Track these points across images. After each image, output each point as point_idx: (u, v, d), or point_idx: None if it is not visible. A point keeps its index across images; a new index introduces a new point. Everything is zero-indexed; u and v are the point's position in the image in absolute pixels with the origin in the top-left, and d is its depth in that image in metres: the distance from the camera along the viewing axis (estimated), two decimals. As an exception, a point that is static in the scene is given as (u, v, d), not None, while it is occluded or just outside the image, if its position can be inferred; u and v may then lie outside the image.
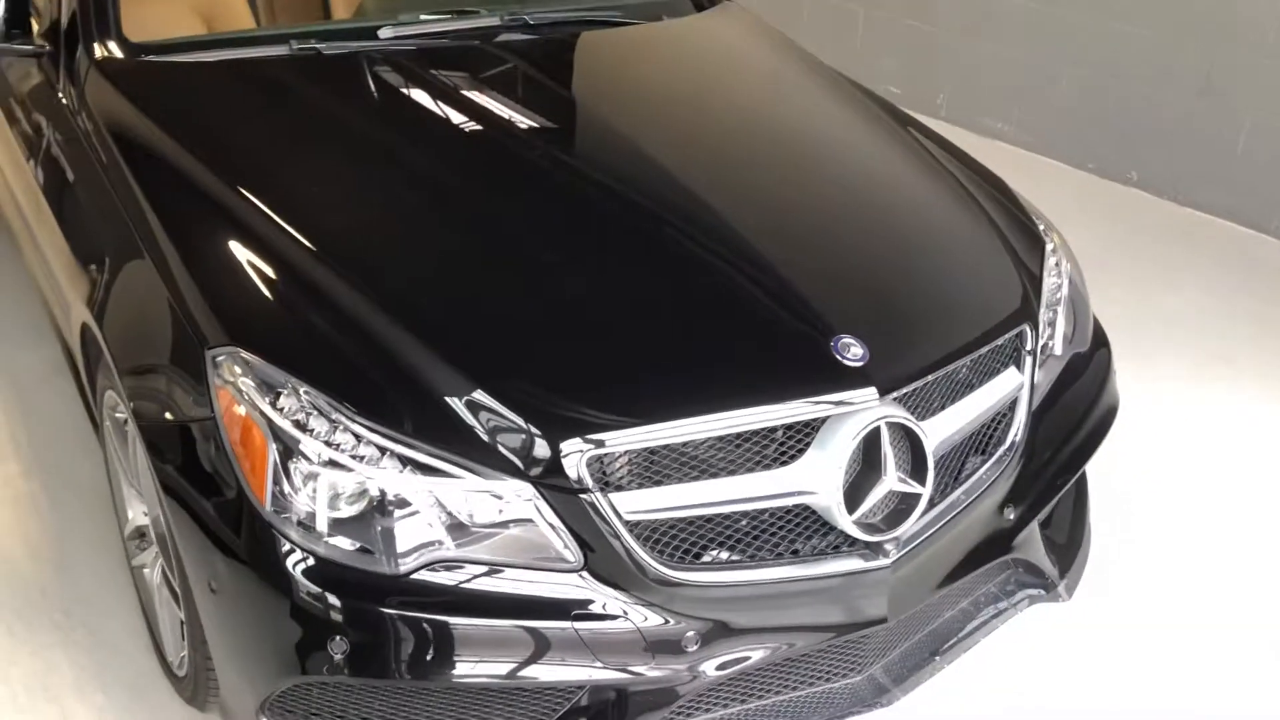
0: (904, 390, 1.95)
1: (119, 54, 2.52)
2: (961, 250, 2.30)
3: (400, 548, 1.77)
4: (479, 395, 1.81)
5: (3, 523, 2.79)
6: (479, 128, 2.44)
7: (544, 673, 1.81)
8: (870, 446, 1.90)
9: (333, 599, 1.76)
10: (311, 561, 1.77)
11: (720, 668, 1.89)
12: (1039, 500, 2.22)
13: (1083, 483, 2.53)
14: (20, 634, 2.49)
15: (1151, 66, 4.69)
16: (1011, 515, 2.17)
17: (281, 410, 1.79)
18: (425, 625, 1.77)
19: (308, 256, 2.02)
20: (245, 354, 1.85)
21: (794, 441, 1.89)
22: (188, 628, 2.06)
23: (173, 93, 2.47)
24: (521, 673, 1.80)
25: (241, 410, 1.81)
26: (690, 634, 1.85)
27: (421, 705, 1.85)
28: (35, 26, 2.68)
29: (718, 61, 2.83)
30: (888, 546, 1.94)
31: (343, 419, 1.79)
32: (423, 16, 2.79)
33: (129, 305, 2.08)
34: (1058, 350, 2.32)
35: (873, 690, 2.09)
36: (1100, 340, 2.47)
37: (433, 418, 1.80)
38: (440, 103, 2.49)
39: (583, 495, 1.79)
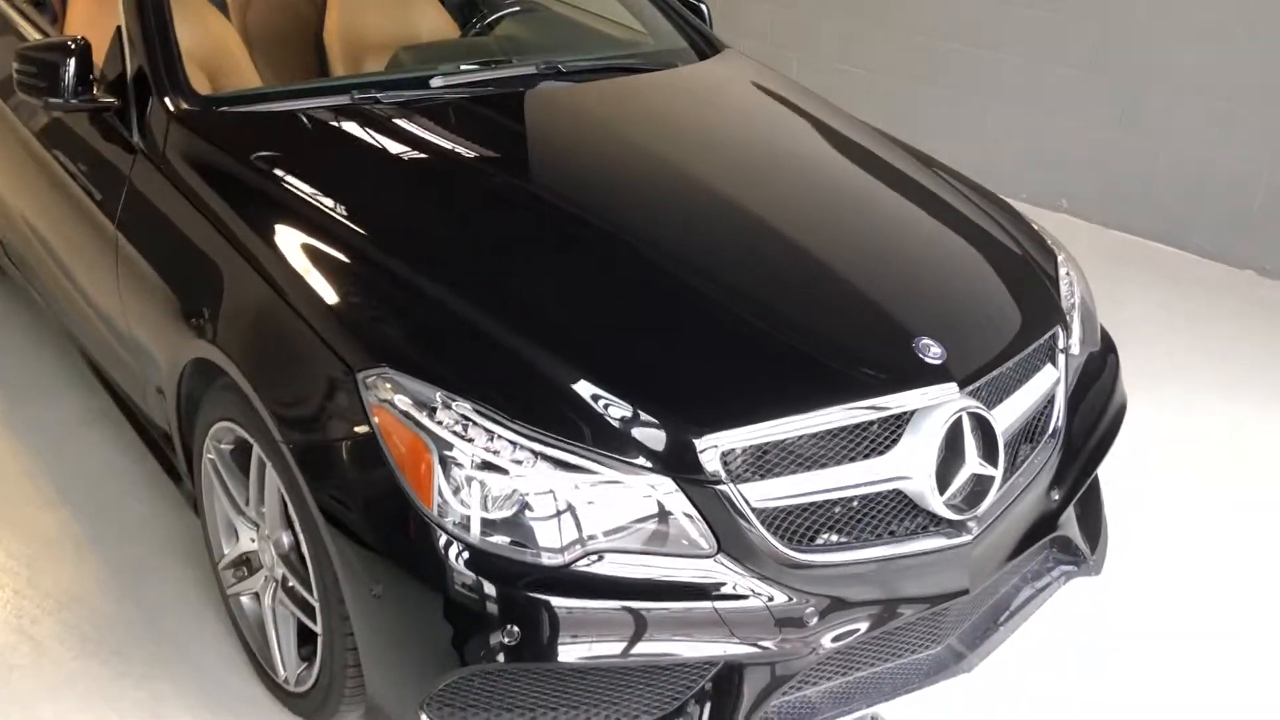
0: (977, 384, 2.20)
1: (194, 107, 2.66)
2: (996, 263, 2.57)
3: (556, 543, 1.95)
4: (620, 400, 2.01)
5: (70, 566, 2.86)
6: (553, 159, 2.67)
7: (686, 649, 1.99)
8: (953, 435, 2.14)
9: (496, 593, 1.92)
10: (475, 559, 1.93)
11: (834, 640, 2.09)
12: (1076, 484, 2.48)
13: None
14: (121, 668, 2.57)
15: (1076, 101, 5.11)
16: (1056, 497, 2.43)
17: (440, 423, 1.96)
18: (582, 612, 1.94)
19: (429, 278, 2.21)
20: (394, 373, 2.01)
21: (887, 433, 2.12)
22: (326, 640, 2.18)
23: (257, 139, 2.62)
24: (666, 651, 1.99)
25: (400, 425, 1.97)
26: (809, 610, 2.06)
27: (572, 687, 2.02)
28: (95, 85, 2.78)
29: (745, 102, 3.08)
30: (970, 524, 2.18)
31: (496, 427, 1.96)
32: (463, 66, 3.00)
33: (262, 338, 2.21)
34: (1075, 350, 2.61)
35: (953, 658, 2.32)
36: (1108, 344, 2.76)
37: (578, 421, 1.99)
38: (513, 139, 2.72)
39: (717, 487, 1.99)
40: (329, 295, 2.18)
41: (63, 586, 2.79)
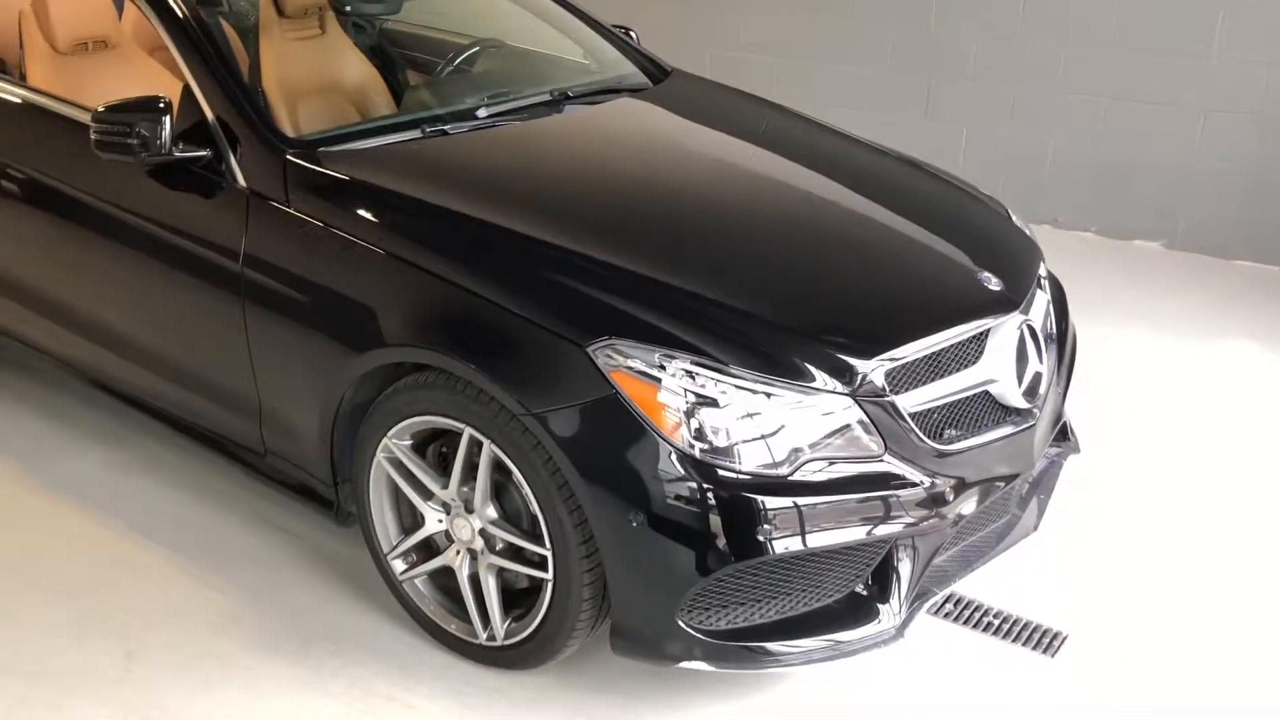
0: (1025, 303, 2.83)
1: (297, 147, 2.93)
2: (986, 213, 3.24)
3: (781, 457, 2.43)
4: (805, 339, 2.53)
5: (207, 595, 3.03)
6: (644, 159, 3.21)
7: (876, 531, 2.50)
8: (1019, 343, 2.76)
9: (739, 504, 2.38)
10: (720, 479, 2.38)
11: (964, 512, 2.65)
12: (1068, 378, 3.17)
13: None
14: (312, 665, 2.80)
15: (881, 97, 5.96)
16: (1061, 389, 3.10)
17: (672, 375, 2.40)
18: (807, 509, 2.42)
19: (612, 258, 2.65)
20: (620, 342, 2.43)
21: (974, 347, 2.71)
22: (561, 584, 2.54)
23: (373, 169, 2.92)
24: (862, 534, 2.49)
25: (637, 383, 2.40)
26: (949, 490, 2.61)
27: (790, 575, 2.49)
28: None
29: (744, 107, 3.63)
30: (1036, 411, 2.80)
31: (711, 373, 2.42)
32: (489, 97, 3.38)
33: (474, 333, 2.55)
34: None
35: (1022, 525, 2.94)
36: (1055, 279, 3.47)
37: (776, 360, 2.47)
38: (589, 145, 3.27)
39: (883, 399, 2.52)
40: (529, 286, 2.57)
41: (212, 614, 2.96)
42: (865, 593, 2.61)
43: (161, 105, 2.89)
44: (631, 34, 4.10)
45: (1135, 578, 3.17)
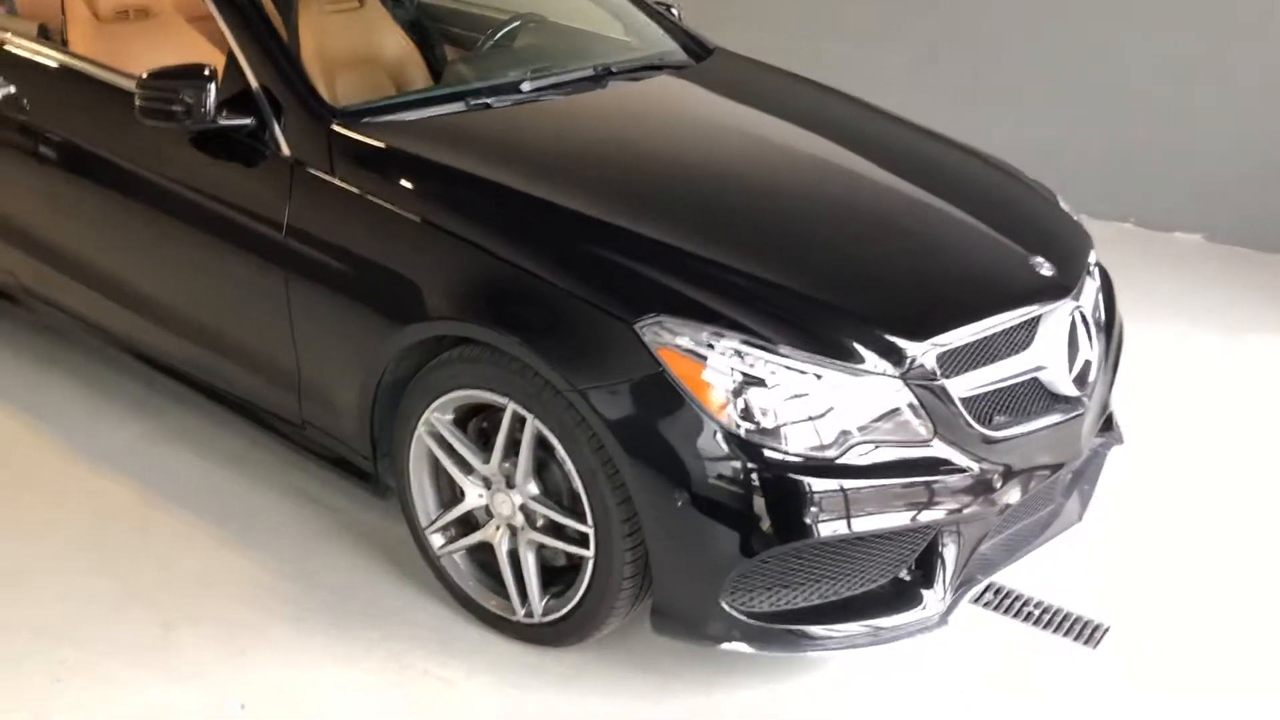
0: (1077, 288, 2.79)
1: (344, 117, 2.91)
2: (1034, 196, 3.19)
3: (829, 439, 2.39)
4: (857, 320, 2.49)
5: (241, 565, 3.03)
6: (690, 137, 3.17)
7: (921, 516, 2.46)
8: (1070, 330, 2.72)
9: (787, 485, 2.35)
10: (767, 460, 2.35)
11: (1010, 500, 2.61)
12: (1115, 368, 3.12)
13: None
14: (349, 637, 2.79)
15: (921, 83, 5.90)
16: (1108, 379, 3.05)
17: (720, 353, 2.37)
18: (854, 493, 2.39)
19: (663, 235, 2.62)
20: (669, 319, 2.40)
21: (1024, 333, 2.67)
22: (602, 562, 2.51)
23: (418, 141, 2.89)
24: (908, 519, 2.45)
25: (685, 360, 2.37)
26: (996, 476, 2.57)
27: (835, 559, 2.46)
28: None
29: (777, 89, 3.58)
30: (1085, 400, 2.76)
31: (761, 352, 2.39)
32: (532, 71, 3.33)
33: (522, 307, 2.52)
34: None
35: (1066, 515, 2.90)
36: (1103, 268, 3.42)
37: (826, 340, 2.44)
38: (636, 121, 3.23)
39: (934, 382, 2.48)
40: (577, 262, 2.55)
41: (248, 586, 2.95)
42: (909, 578, 2.58)
43: (206, 73, 2.87)
44: (673, 10, 4.06)
45: (1177, 570, 3.13)
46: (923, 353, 2.48)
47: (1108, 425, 3.15)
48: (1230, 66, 5.16)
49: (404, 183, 2.78)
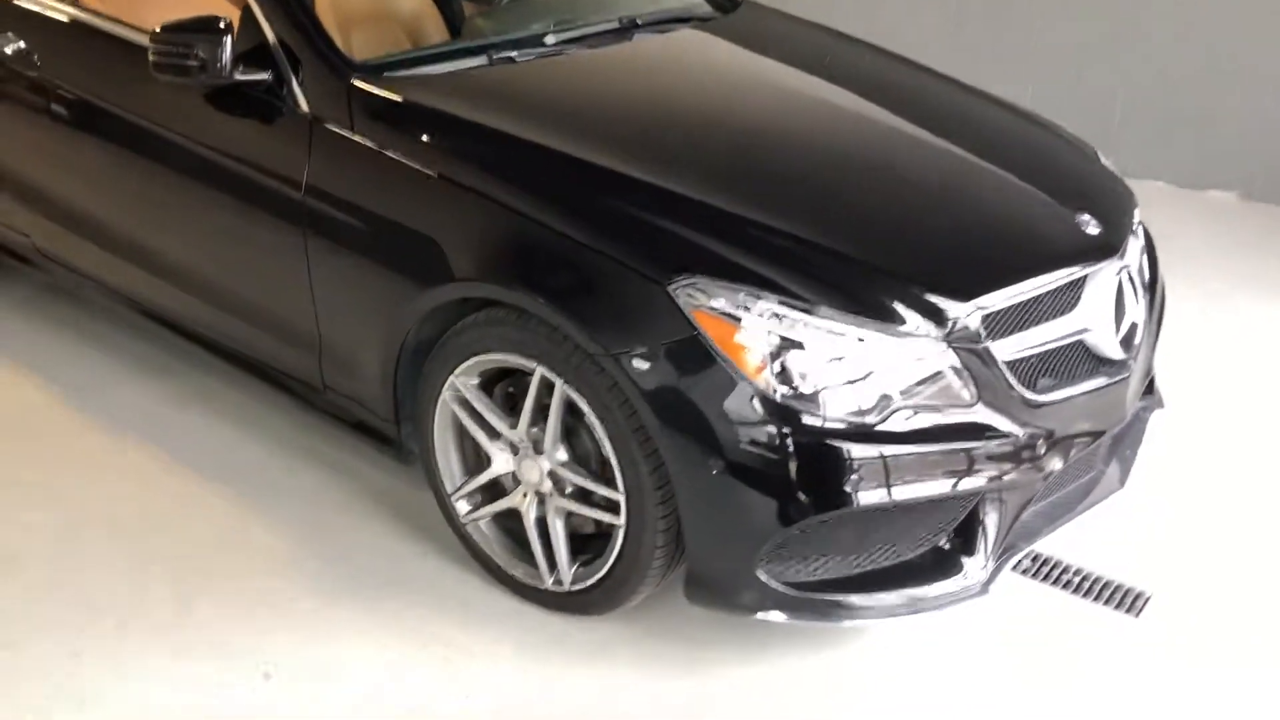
0: (1124, 249, 2.69)
1: (363, 71, 2.81)
2: (1080, 159, 3.08)
3: (869, 404, 2.31)
4: (898, 281, 2.40)
5: (262, 536, 2.97)
6: (717, 89, 3.09)
7: (965, 482, 2.38)
8: (1117, 291, 2.63)
9: (828, 451, 2.28)
10: (806, 426, 2.27)
11: (1054, 465, 2.53)
12: (1158, 330, 3.03)
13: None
14: (372, 607, 2.73)
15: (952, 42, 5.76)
16: (1153, 341, 2.96)
17: (757, 315, 2.28)
18: (895, 460, 2.31)
19: (696, 194, 2.52)
20: (704, 280, 2.31)
21: (1069, 295, 2.57)
22: (633, 530, 2.44)
23: (441, 96, 2.80)
24: (951, 485, 2.37)
25: (720, 323, 2.28)
26: (1041, 441, 2.49)
27: (876, 527, 2.39)
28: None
29: (808, 43, 3.46)
30: (1130, 362, 2.67)
31: (799, 315, 2.30)
32: (555, 24, 3.23)
33: (547, 268, 2.43)
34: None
35: (1107, 481, 2.81)
36: (1145, 226, 3.32)
37: (867, 302, 2.35)
38: (665, 75, 3.12)
39: (977, 345, 2.39)
40: (607, 221, 2.46)
41: (268, 553, 2.89)
42: (949, 546, 2.50)
43: (222, 25, 2.78)
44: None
45: (1220, 537, 3.05)
46: (966, 314, 2.39)
47: (1149, 389, 3.06)
48: (1268, 14, 5.02)
49: (427, 139, 2.68)
